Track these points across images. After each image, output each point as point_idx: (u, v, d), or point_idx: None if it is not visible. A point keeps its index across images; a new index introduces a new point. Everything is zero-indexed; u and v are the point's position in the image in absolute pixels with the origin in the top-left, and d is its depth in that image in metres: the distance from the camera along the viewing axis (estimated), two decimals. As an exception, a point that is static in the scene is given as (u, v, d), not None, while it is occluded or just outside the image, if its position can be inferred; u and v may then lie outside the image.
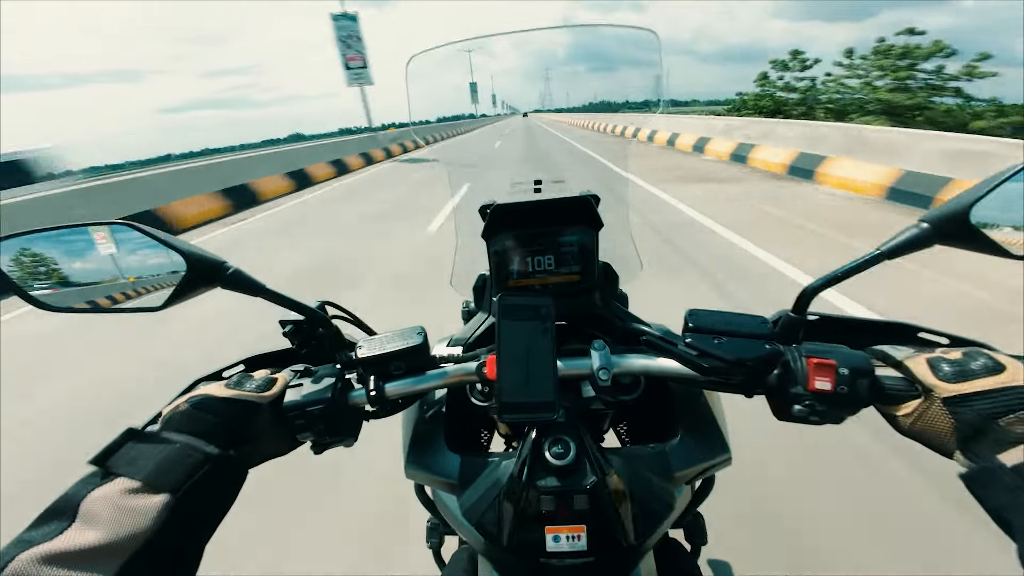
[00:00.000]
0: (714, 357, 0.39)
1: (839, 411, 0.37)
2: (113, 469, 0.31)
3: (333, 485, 1.60)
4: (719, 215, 4.46)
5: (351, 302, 0.52)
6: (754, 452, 1.51)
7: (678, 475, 0.47)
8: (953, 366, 0.33)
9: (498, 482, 0.44)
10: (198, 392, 0.39)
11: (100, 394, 2.29)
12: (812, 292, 0.39)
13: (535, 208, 0.50)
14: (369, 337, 0.48)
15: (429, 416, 0.55)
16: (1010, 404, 0.30)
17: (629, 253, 0.64)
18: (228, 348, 1.85)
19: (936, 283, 2.71)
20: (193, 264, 0.38)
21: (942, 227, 0.34)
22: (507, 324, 0.42)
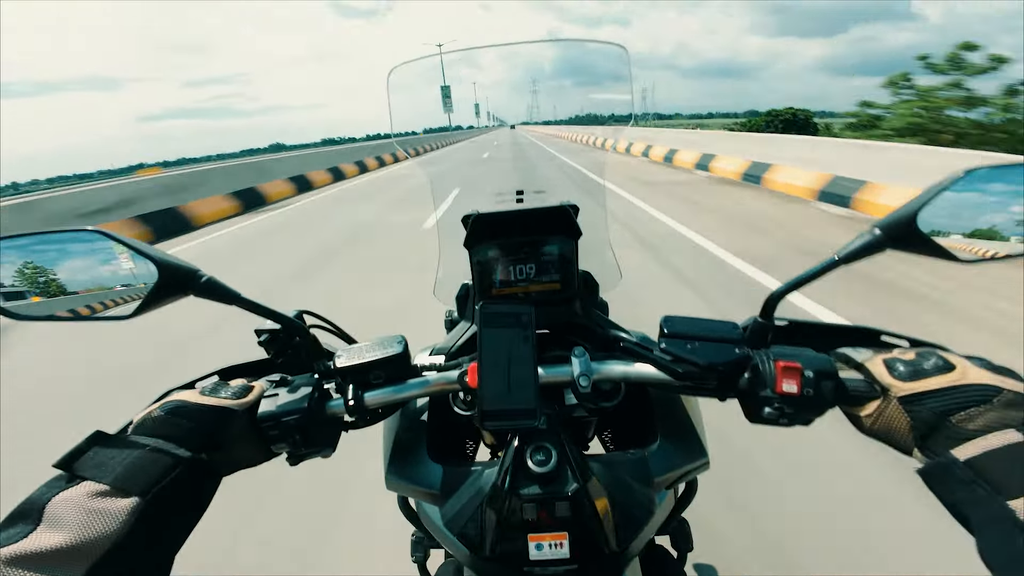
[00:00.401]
0: (687, 362, 0.41)
1: (807, 413, 0.38)
2: (79, 472, 0.31)
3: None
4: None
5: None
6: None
7: (658, 480, 0.47)
8: (907, 366, 0.35)
9: (480, 491, 0.44)
10: (171, 398, 0.39)
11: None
12: (777, 297, 0.41)
13: (516, 217, 0.52)
14: (348, 346, 0.48)
15: (411, 426, 0.55)
16: (960, 402, 0.32)
17: (609, 262, 0.66)
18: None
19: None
20: (165, 272, 0.37)
21: (892, 233, 0.36)
22: (489, 332, 0.42)
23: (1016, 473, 0.28)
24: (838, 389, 0.38)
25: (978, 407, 0.32)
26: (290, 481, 1.59)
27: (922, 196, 0.34)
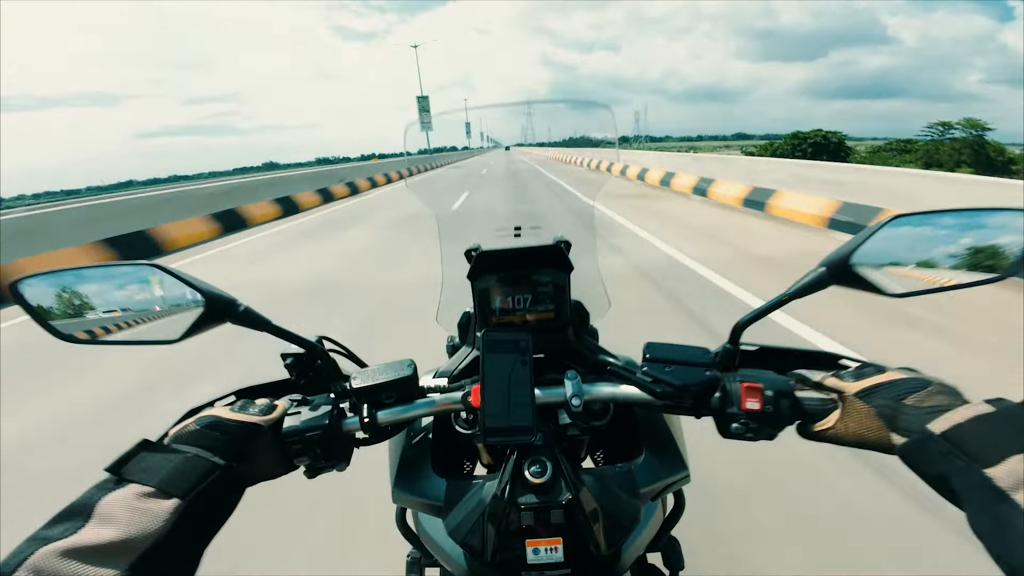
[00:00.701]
0: (665, 383, 0.46)
1: (770, 428, 0.44)
2: (127, 476, 0.35)
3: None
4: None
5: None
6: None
7: (644, 491, 0.52)
8: (851, 374, 0.42)
9: (482, 502, 0.48)
10: (206, 413, 0.43)
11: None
12: (742, 326, 0.47)
13: (514, 253, 0.57)
14: (362, 369, 0.52)
15: (416, 443, 0.59)
16: (905, 389, 0.37)
17: (599, 293, 0.72)
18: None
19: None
20: (210, 301, 0.42)
21: (833, 271, 0.42)
22: (491, 357, 0.47)
23: (990, 442, 0.30)
24: (795, 406, 0.43)
25: (920, 392, 0.36)
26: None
27: (856, 238, 0.41)
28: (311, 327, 0.53)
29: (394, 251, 5.70)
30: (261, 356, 2.37)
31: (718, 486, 1.61)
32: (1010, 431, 0.30)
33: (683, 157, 13.26)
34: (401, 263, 5.02)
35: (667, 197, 9.52)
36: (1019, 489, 0.28)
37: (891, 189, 5.31)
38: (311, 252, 6.15)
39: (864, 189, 5.48)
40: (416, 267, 4.67)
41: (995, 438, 0.30)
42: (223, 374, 2.64)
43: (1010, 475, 0.28)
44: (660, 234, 5.65)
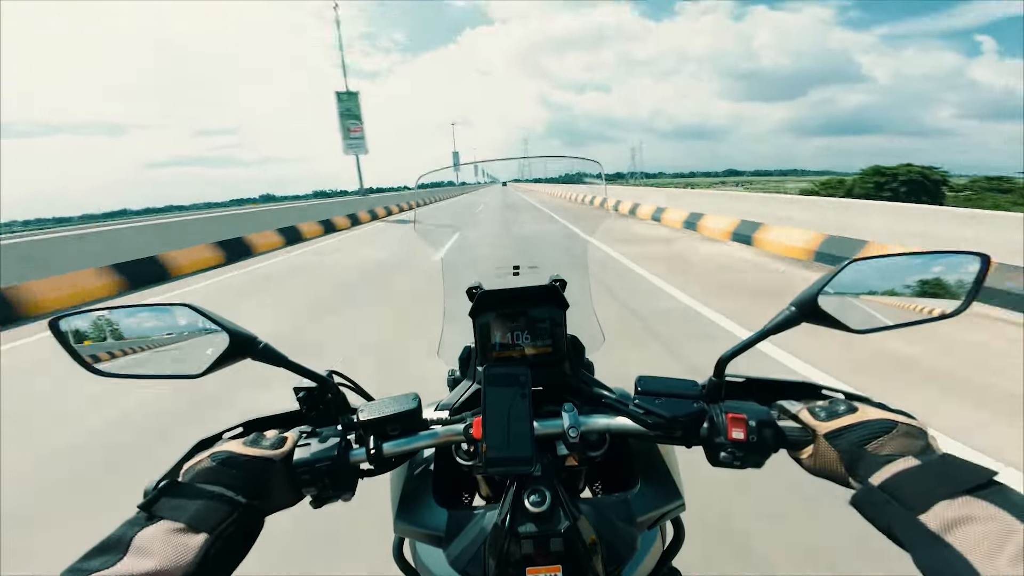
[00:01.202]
0: (656, 415, 0.49)
1: (756, 456, 0.46)
2: (158, 513, 0.38)
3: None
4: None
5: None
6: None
7: (640, 520, 0.53)
8: (825, 410, 0.45)
9: (483, 531, 0.49)
10: (221, 449, 0.46)
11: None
12: (726, 359, 0.50)
13: (515, 293, 0.62)
14: (368, 402, 0.55)
15: (418, 474, 0.60)
16: (868, 433, 0.41)
17: (593, 327, 0.76)
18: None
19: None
20: (234, 339, 0.46)
21: (802, 309, 0.46)
22: (491, 391, 0.49)
23: (918, 490, 0.34)
24: (778, 435, 0.46)
25: (883, 436, 0.40)
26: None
27: (821, 279, 0.46)
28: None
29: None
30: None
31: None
32: (933, 480, 0.35)
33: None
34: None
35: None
36: (949, 531, 0.31)
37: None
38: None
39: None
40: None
41: (922, 487, 0.34)
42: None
43: (938, 519, 0.32)
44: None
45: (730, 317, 3.86)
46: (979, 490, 0.32)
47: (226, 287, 6.58)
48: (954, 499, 0.32)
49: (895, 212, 5.93)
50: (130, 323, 0.47)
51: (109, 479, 2.08)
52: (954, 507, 0.32)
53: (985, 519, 0.31)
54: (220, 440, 0.50)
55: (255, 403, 2.65)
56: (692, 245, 7.92)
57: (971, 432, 2.10)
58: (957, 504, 0.32)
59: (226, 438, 0.51)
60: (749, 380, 0.55)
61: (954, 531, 0.31)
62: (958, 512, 0.32)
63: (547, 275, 0.71)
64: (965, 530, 0.31)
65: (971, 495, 0.32)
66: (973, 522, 0.31)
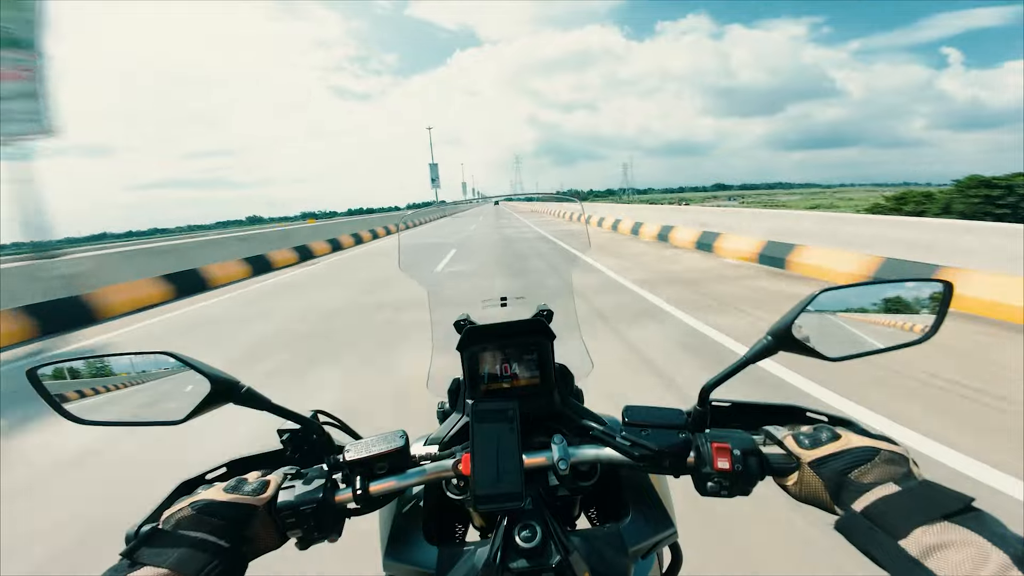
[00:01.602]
0: (643, 447, 0.49)
1: (743, 485, 0.47)
2: (140, 559, 0.38)
3: None
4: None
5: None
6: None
7: (632, 550, 0.53)
8: (809, 438, 0.46)
9: (474, 568, 0.48)
10: (201, 497, 0.45)
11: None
12: (709, 388, 0.51)
13: (501, 326, 0.62)
14: (355, 441, 0.54)
15: (407, 511, 0.60)
16: (851, 461, 0.41)
17: (581, 354, 0.76)
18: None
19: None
20: (216, 384, 0.46)
21: (777, 338, 0.48)
22: (479, 427, 0.50)
23: (898, 517, 0.35)
24: (763, 463, 0.47)
25: (865, 464, 0.41)
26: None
27: (794, 309, 0.47)
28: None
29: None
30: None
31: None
32: (912, 506, 0.36)
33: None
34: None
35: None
36: (927, 556, 0.32)
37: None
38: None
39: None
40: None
41: (902, 513, 0.36)
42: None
43: (917, 544, 0.33)
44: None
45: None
46: (956, 515, 0.34)
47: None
48: (932, 524, 0.33)
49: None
50: (109, 370, 0.47)
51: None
52: (932, 532, 0.33)
53: (961, 544, 0.32)
54: (202, 482, 0.49)
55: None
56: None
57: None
58: (935, 530, 0.33)
59: (209, 479, 0.50)
60: (735, 405, 0.56)
61: (933, 556, 0.32)
62: (936, 538, 0.33)
63: (534, 304, 0.72)
64: (943, 555, 0.32)
65: (949, 520, 0.33)
66: (951, 547, 0.32)
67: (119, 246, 10.06)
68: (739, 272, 6.52)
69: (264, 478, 0.49)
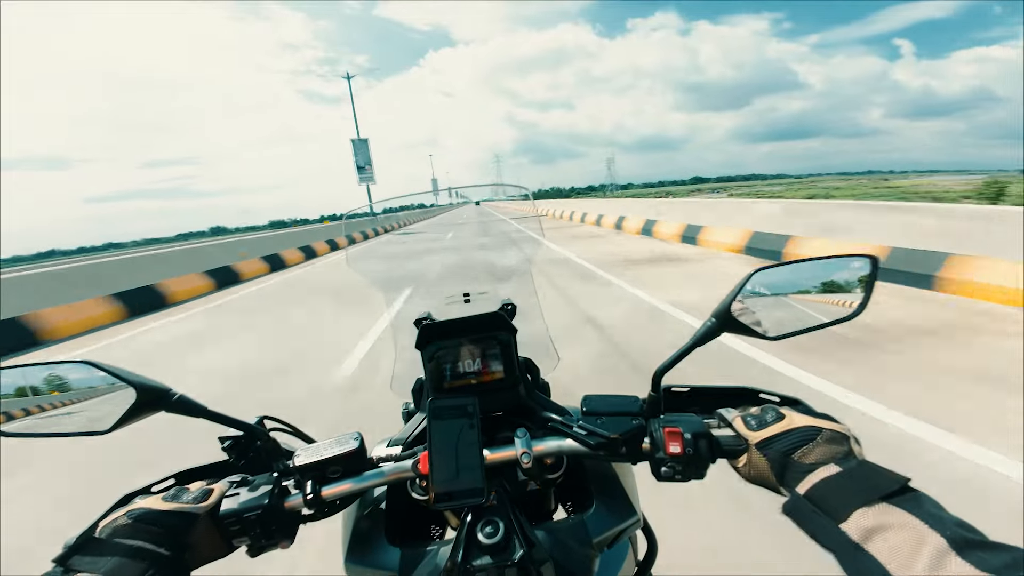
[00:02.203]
0: (598, 435, 0.49)
1: (696, 468, 0.47)
2: (74, 567, 0.37)
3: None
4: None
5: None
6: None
7: (597, 540, 0.53)
8: (756, 419, 0.46)
9: (437, 568, 0.48)
10: (136, 506, 0.44)
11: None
12: (660, 373, 0.52)
13: (460, 322, 0.62)
14: (307, 445, 0.53)
15: (368, 513, 0.59)
16: (794, 441, 0.42)
17: (547, 348, 0.77)
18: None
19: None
20: (142, 392, 0.45)
21: (720, 320, 0.49)
22: (437, 424, 0.49)
23: (838, 499, 0.35)
24: (713, 446, 0.47)
25: (808, 445, 0.41)
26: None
27: (733, 290, 0.48)
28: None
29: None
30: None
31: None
32: (851, 488, 0.36)
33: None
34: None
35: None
36: (867, 540, 0.33)
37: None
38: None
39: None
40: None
41: (842, 495, 0.36)
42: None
43: (857, 528, 0.33)
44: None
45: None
46: (894, 496, 0.34)
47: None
48: (870, 507, 0.34)
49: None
50: (27, 382, 0.45)
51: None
52: (870, 515, 0.33)
53: (899, 527, 0.32)
54: (147, 494, 0.48)
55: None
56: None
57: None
58: (873, 512, 0.33)
59: (154, 491, 0.49)
60: (693, 389, 0.57)
61: (873, 539, 0.32)
62: (874, 520, 0.33)
63: (498, 299, 0.72)
64: (883, 538, 0.32)
65: (887, 502, 0.34)
66: (889, 530, 0.32)
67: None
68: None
69: (208, 487, 0.48)
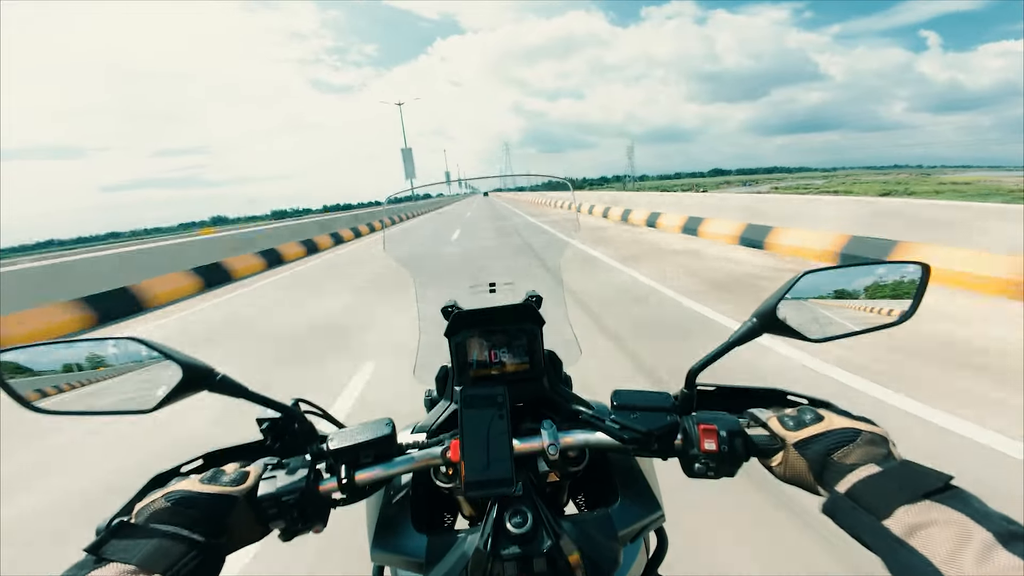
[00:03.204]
0: (632, 429, 0.50)
1: (728, 466, 0.48)
2: (106, 556, 0.36)
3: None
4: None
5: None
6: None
7: (622, 534, 0.54)
8: (793, 420, 0.47)
9: (464, 556, 0.49)
10: (175, 488, 0.44)
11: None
12: (695, 371, 0.52)
13: (489, 312, 0.63)
14: (339, 430, 0.54)
15: (395, 500, 0.60)
16: (834, 442, 0.43)
17: (570, 341, 0.77)
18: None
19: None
20: (188, 372, 0.46)
21: (762, 321, 0.49)
22: (468, 413, 0.50)
23: (880, 497, 0.37)
24: (748, 444, 0.48)
25: (848, 445, 0.42)
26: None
27: (778, 292, 0.49)
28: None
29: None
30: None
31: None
32: (893, 486, 0.37)
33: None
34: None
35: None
36: (911, 535, 0.33)
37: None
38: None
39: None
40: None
41: (884, 494, 0.37)
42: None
43: (899, 524, 0.34)
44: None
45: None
46: (937, 494, 0.35)
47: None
48: (914, 504, 0.35)
49: None
50: (73, 358, 0.46)
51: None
52: (914, 512, 0.34)
53: (944, 523, 0.33)
54: (177, 475, 0.49)
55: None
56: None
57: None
58: (917, 509, 0.34)
59: (184, 472, 0.50)
60: (719, 388, 0.57)
61: (916, 535, 0.33)
62: (918, 517, 0.34)
63: (523, 291, 0.72)
64: (926, 534, 0.33)
65: (930, 499, 0.34)
66: (933, 526, 0.33)
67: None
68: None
69: (244, 469, 0.49)
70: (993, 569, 0.29)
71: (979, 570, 0.29)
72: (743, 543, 1.61)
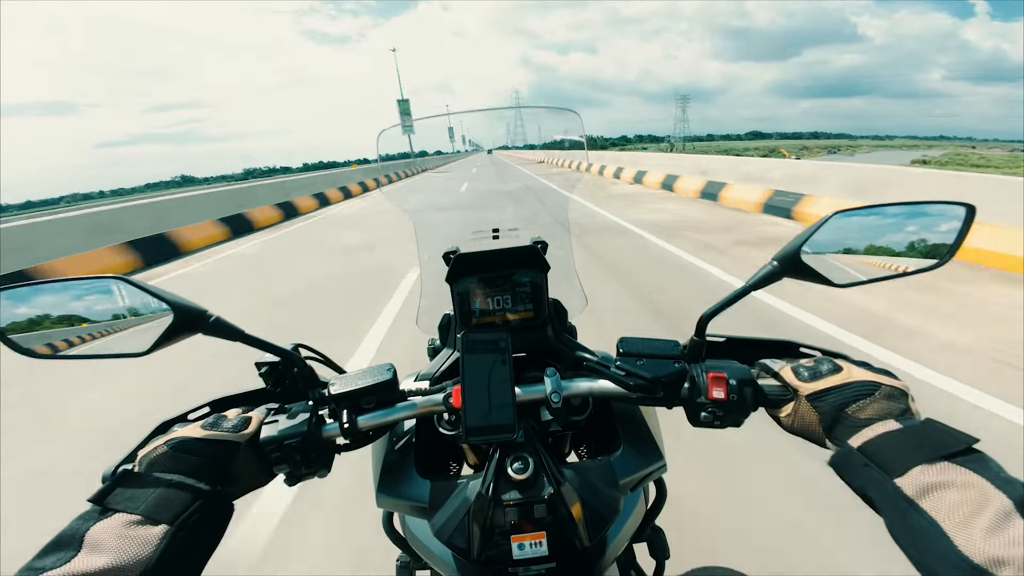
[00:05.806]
0: (638, 376, 0.50)
1: (735, 415, 0.48)
2: (111, 505, 0.37)
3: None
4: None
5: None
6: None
7: (623, 482, 0.56)
8: (809, 370, 0.46)
9: (466, 500, 0.51)
10: (175, 435, 0.45)
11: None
12: (706, 319, 0.52)
13: (492, 255, 0.62)
14: (340, 375, 0.55)
15: (399, 446, 0.62)
16: (850, 395, 0.42)
17: (576, 291, 0.77)
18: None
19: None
20: (179, 313, 0.45)
21: (784, 264, 0.48)
22: (470, 358, 0.50)
23: (897, 454, 0.36)
24: (757, 394, 0.48)
25: (864, 399, 0.41)
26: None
27: (804, 233, 0.47)
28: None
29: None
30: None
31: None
32: (912, 444, 0.36)
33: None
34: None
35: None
36: (924, 496, 0.33)
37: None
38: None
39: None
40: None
41: (901, 451, 0.36)
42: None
43: (913, 484, 0.34)
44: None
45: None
46: (958, 456, 0.34)
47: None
48: (932, 464, 0.34)
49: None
50: (60, 300, 0.46)
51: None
52: (932, 472, 0.33)
53: (963, 486, 0.32)
54: (183, 422, 0.50)
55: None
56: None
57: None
58: (935, 469, 0.33)
59: (190, 419, 0.51)
60: (730, 339, 0.57)
61: (929, 496, 0.33)
62: (935, 477, 0.33)
63: (527, 237, 0.72)
64: (941, 495, 0.32)
65: (950, 461, 0.34)
66: (950, 488, 0.32)
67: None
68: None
69: (245, 414, 0.50)
70: (1005, 538, 0.28)
71: (991, 538, 0.29)
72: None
